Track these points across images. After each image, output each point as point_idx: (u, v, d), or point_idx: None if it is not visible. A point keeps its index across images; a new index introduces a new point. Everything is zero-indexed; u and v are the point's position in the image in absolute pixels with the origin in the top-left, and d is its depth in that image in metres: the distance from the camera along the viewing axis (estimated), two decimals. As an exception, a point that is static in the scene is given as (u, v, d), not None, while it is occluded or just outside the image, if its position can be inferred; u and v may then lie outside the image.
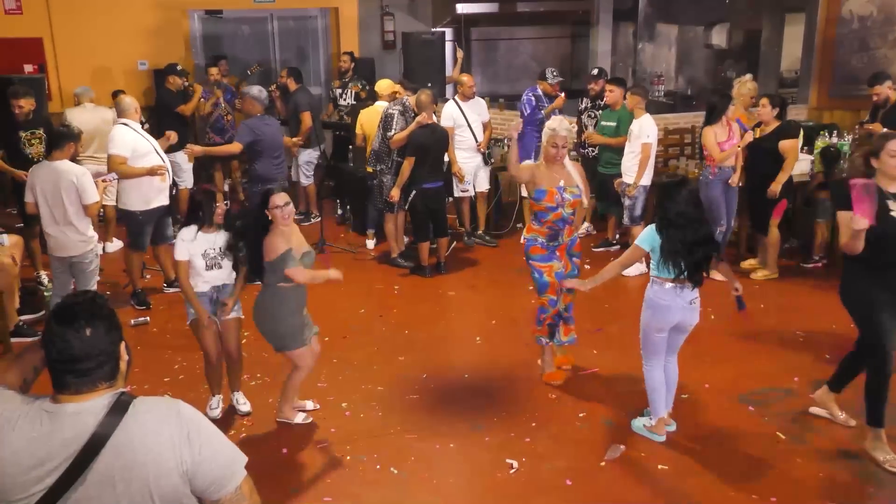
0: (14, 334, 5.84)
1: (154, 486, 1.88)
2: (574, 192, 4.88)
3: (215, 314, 4.59)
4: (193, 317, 4.56)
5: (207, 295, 4.55)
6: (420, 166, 7.00)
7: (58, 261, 5.62)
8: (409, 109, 7.29)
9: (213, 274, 4.51)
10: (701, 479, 4.10)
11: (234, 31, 11.45)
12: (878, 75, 7.15)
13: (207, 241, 4.46)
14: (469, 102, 7.97)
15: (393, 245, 7.57)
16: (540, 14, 12.33)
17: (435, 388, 5.11)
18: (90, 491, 1.85)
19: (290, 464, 4.27)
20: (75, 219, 5.44)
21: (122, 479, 1.86)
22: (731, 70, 11.87)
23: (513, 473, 4.16)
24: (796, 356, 5.51)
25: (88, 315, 1.92)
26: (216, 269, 4.51)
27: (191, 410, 2.01)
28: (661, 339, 4.34)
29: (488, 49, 13.10)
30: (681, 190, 4.16)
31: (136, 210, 6.32)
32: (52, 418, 1.88)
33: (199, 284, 4.51)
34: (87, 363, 1.90)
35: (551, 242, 4.95)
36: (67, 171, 5.41)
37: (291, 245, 4.31)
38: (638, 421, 4.57)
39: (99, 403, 1.90)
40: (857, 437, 4.38)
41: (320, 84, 11.91)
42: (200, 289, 4.51)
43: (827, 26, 9.74)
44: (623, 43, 12.43)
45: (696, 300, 4.26)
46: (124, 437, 1.87)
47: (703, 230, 4.18)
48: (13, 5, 9.69)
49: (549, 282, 4.96)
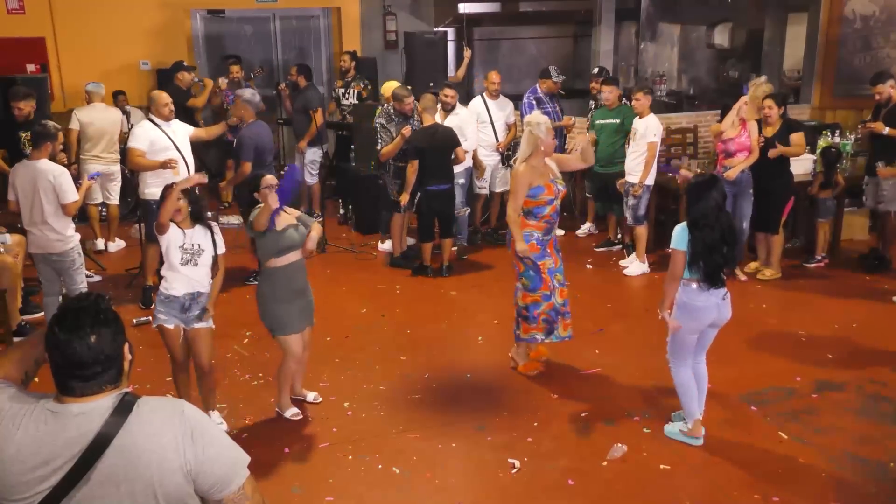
0: (16, 333, 5.85)
1: (158, 486, 1.89)
2: (562, 183, 5.05)
3: (185, 323, 4.35)
4: (161, 321, 4.31)
5: (179, 301, 4.30)
6: (422, 169, 6.97)
7: (39, 258, 5.65)
8: (395, 115, 7.27)
9: (188, 272, 4.26)
10: (703, 479, 4.10)
11: (236, 31, 11.45)
12: (880, 74, 7.14)
13: (186, 235, 4.28)
14: (497, 101, 8.05)
15: (396, 245, 7.57)
16: (542, 14, 12.32)
17: (437, 387, 5.11)
18: (94, 491, 1.86)
19: (291, 463, 4.27)
20: (52, 218, 5.44)
21: (125, 479, 1.87)
22: (733, 70, 11.86)
23: (515, 473, 4.16)
24: (798, 356, 5.50)
25: (93, 321, 1.90)
26: (191, 265, 4.27)
27: (194, 410, 2.02)
28: (692, 340, 4.30)
29: (490, 49, 13.08)
30: (709, 191, 4.16)
31: (152, 200, 6.39)
32: (56, 418, 1.88)
33: (172, 285, 4.28)
34: (93, 368, 1.89)
35: (545, 237, 5.02)
36: (45, 170, 5.40)
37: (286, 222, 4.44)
38: (672, 426, 4.48)
39: (103, 404, 1.90)
40: (859, 437, 4.38)
41: (322, 84, 11.90)
42: (173, 291, 4.28)
43: (830, 26, 9.73)
44: (625, 42, 12.41)
45: (726, 295, 4.25)
46: (128, 437, 1.87)
47: (724, 234, 4.16)
48: (16, 5, 9.69)
49: (543, 279, 5.02)
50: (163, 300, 4.32)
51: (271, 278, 4.46)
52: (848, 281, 6.97)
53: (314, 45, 11.91)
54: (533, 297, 5.07)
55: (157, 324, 4.33)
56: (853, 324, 6.03)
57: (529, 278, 5.04)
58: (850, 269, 7.25)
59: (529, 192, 4.90)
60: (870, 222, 7.90)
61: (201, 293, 4.34)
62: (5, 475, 1.85)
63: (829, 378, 5.15)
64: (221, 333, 6.02)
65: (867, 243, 7.70)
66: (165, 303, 4.31)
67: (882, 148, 6.90)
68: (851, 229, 7.89)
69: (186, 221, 4.30)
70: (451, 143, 7.13)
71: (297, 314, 4.53)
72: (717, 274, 4.15)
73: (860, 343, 5.71)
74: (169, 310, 4.31)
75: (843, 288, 6.79)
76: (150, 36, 10.37)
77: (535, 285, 5.05)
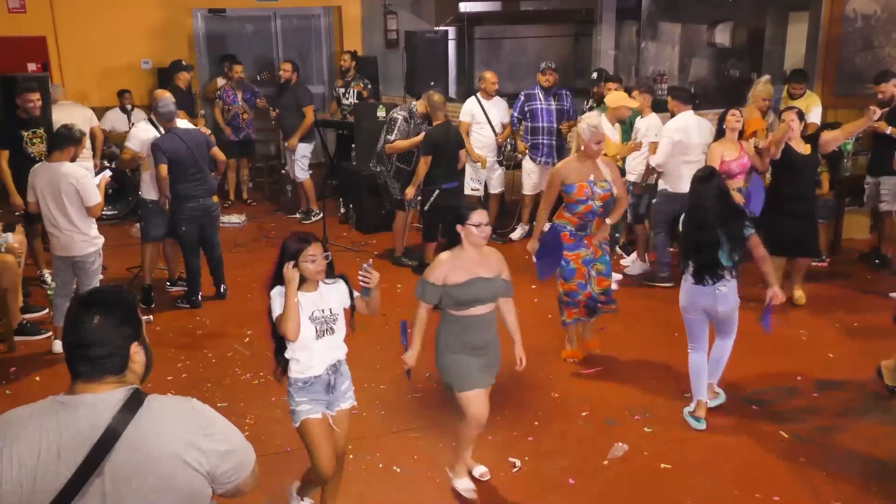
0: (17, 332, 5.86)
1: (171, 480, 1.90)
2: (604, 187, 5.08)
3: (329, 408, 3.44)
4: (305, 413, 3.35)
5: (323, 381, 3.38)
6: (436, 166, 6.92)
7: (60, 260, 5.63)
8: (415, 116, 7.27)
9: (325, 343, 3.34)
10: (703, 478, 4.10)
11: (237, 30, 11.47)
12: (884, 73, 7.13)
13: (312, 300, 3.32)
14: (491, 101, 8.01)
15: (398, 244, 7.57)
16: (543, 13, 12.32)
17: (438, 386, 5.10)
18: (106, 486, 1.86)
19: (293, 462, 4.27)
20: (78, 220, 5.44)
21: (136, 475, 1.87)
22: (734, 69, 11.85)
23: (516, 472, 4.16)
24: (799, 355, 5.50)
25: (105, 304, 1.96)
26: (328, 335, 3.35)
27: (203, 406, 2.05)
28: (693, 320, 4.47)
29: (491, 48, 13.07)
30: (704, 185, 4.26)
31: (149, 199, 6.46)
32: (66, 409, 1.89)
33: (312, 364, 3.34)
34: (95, 350, 1.92)
35: (580, 232, 5.17)
36: (67, 173, 5.39)
37: (476, 273, 3.64)
38: (686, 409, 4.67)
39: (114, 397, 1.91)
40: (859, 437, 4.38)
41: (323, 83, 11.93)
42: (313, 371, 3.35)
43: (831, 25, 9.73)
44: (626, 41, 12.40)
45: (723, 287, 4.30)
46: (139, 432, 1.88)
47: (712, 234, 4.19)
48: (17, 4, 9.71)
49: (576, 268, 5.20)
50: (301, 387, 3.36)
51: (445, 324, 3.75)
52: (849, 280, 6.97)
53: (315, 44, 11.93)
54: (568, 285, 5.25)
55: (300, 420, 3.35)
56: (854, 323, 6.02)
57: (562, 268, 5.22)
58: (850, 268, 7.25)
59: (563, 188, 5.07)
60: (871, 222, 7.91)
61: (341, 360, 3.48)
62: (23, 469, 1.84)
63: (830, 377, 5.15)
64: (222, 333, 6.05)
65: (868, 243, 7.70)
66: (306, 389, 3.37)
67: (881, 148, 6.89)
68: (852, 229, 7.89)
69: (312, 283, 3.36)
70: (461, 142, 7.23)
71: (470, 367, 3.72)
72: (703, 272, 4.23)
73: (861, 342, 5.71)
74: (312, 396, 3.37)
75: (843, 287, 6.79)
76: (151, 35, 10.38)
77: (569, 275, 5.21)
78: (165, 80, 9.30)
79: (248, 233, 8.75)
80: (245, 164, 9.89)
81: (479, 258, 3.69)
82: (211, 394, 5.01)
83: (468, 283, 3.61)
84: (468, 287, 3.61)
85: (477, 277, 3.64)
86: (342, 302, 3.44)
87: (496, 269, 3.75)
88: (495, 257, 3.79)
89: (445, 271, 3.64)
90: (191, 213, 6.30)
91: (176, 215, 6.32)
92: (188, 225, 6.33)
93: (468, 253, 3.67)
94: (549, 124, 7.88)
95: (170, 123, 6.27)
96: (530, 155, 8.02)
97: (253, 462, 2.09)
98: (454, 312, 3.67)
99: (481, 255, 3.71)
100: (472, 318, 3.67)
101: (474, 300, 3.64)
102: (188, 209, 6.28)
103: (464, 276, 3.62)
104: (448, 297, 3.64)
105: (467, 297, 3.62)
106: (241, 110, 9.47)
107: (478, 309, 3.66)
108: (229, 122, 9.48)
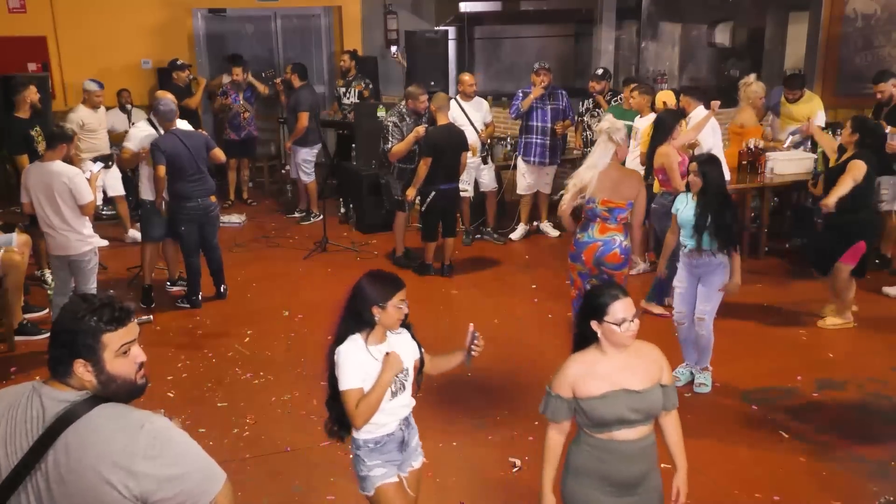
0: (18, 332, 5.86)
1: (90, 495, 1.86)
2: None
3: (401, 468, 3.06)
4: (380, 479, 2.96)
5: (396, 439, 2.99)
6: (436, 167, 6.88)
7: (57, 259, 5.64)
8: (407, 116, 7.26)
9: (399, 402, 2.96)
10: (704, 478, 4.10)
11: (237, 30, 11.46)
12: (883, 73, 7.13)
13: (381, 353, 2.89)
14: (471, 102, 7.97)
15: (399, 244, 7.57)
16: (543, 12, 12.32)
17: (438, 386, 5.10)
18: (42, 483, 1.88)
19: (293, 463, 4.27)
20: (72, 219, 5.43)
21: (69, 478, 1.87)
22: (734, 68, 11.85)
23: (516, 472, 4.16)
24: (799, 354, 5.51)
25: (60, 313, 2.00)
26: (401, 392, 2.96)
27: (161, 426, 1.95)
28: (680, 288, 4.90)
29: (491, 47, 13.08)
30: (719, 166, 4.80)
31: (147, 200, 6.47)
32: (34, 395, 1.94)
33: (385, 422, 2.93)
34: (54, 348, 1.96)
35: None
36: (59, 172, 5.38)
37: (620, 384, 2.69)
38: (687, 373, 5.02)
39: (69, 397, 1.93)
40: (859, 436, 4.38)
41: (324, 83, 11.92)
42: (386, 429, 2.95)
43: (831, 24, 9.72)
44: (626, 41, 12.41)
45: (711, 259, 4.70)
46: (76, 437, 1.87)
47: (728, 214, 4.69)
48: (17, 4, 9.70)
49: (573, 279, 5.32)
50: (372, 448, 2.95)
51: (577, 446, 2.84)
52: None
53: (315, 44, 11.92)
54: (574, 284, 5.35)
55: (374, 488, 2.97)
56: (854, 322, 6.02)
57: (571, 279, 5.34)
58: (851, 267, 7.23)
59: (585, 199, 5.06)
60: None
61: (409, 416, 3.10)
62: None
63: (830, 377, 5.15)
64: (222, 333, 6.05)
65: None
66: (378, 450, 2.96)
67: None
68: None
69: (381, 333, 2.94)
70: (464, 144, 7.13)
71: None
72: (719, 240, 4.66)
73: (860, 342, 5.71)
74: (386, 458, 2.98)
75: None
76: (151, 35, 10.38)
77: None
78: (165, 79, 9.31)
79: (248, 233, 8.76)
80: (245, 165, 9.89)
81: (624, 362, 2.72)
82: (211, 394, 4.99)
83: (607, 398, 2.68)
84: (607, 402, 2.67)
85: (621, 389, 2.68)
86: (413, 356, 3.01)
87: (652, 376, 2.75)
88: (650, 357, 2.79)
89: (574, 378, 2.75)
90: (190, 213, 6.30)
91: (175, 215, 6.32)
92: (188, 225, 6.32)
93: (609, 355, 2.74)
94: (543, 124, 7.86)
95: (170, 124, 6.27)
96: (523, 156, 8.02)
97: (216, 491, 1.98)
98: (591, 434, 2.76)
99: (628, 357, 2.74)
100: (616, 443, 2.70)
101: (617, 421, 2.68)
102: (187, 209, 6.29)
103: (602, 386, 2.69)
104: (581, 414, 2.74)
105: (607, 416, 2.68)
106: (241, 109, 9.47)
107: (624, 433, 2.69)
108: (230, 122, 9.48)
